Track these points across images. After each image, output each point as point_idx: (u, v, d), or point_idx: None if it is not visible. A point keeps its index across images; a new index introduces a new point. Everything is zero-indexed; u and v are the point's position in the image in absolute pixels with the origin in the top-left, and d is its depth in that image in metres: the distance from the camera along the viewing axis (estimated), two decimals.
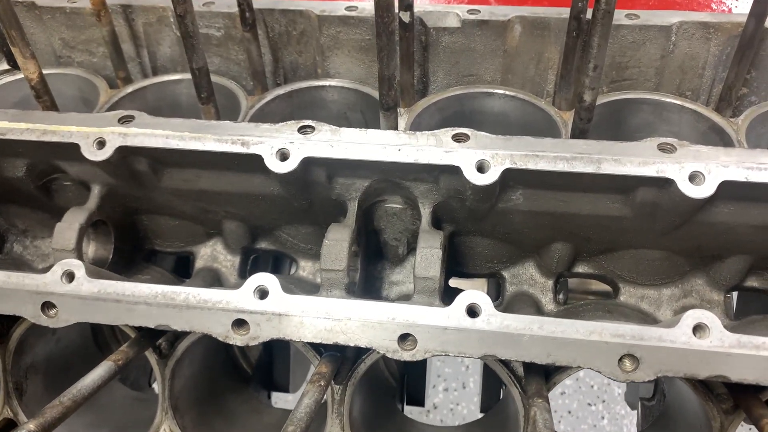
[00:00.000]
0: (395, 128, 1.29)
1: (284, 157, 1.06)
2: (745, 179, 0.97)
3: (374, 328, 0.98)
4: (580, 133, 1.19)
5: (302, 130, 1.10)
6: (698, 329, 0.92)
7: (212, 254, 1.44)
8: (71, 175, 1.23)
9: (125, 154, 1.12)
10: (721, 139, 1.33)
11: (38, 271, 1.09)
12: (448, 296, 1.05)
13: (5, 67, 1.68)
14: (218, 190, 1.22)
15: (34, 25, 1.65)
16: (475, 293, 0.98)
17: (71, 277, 1.04)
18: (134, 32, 1.61)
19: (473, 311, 0.97)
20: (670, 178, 0.98)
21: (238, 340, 1.01)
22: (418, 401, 1.71)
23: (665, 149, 1.02)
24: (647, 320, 1.29)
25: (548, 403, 1.05)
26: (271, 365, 1.98)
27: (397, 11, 1.13)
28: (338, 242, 1.11)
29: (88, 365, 1.09)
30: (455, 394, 4.19)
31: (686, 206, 1.01)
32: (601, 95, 1.41)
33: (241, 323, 1.01)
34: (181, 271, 1.60)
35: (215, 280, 1.43)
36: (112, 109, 1.53)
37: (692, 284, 1.31)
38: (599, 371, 0.94)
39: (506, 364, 1.20)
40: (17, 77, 1.64)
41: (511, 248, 1.31)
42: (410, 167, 1.07)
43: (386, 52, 1.09)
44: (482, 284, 1.73)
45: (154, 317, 1.02)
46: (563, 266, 1.30)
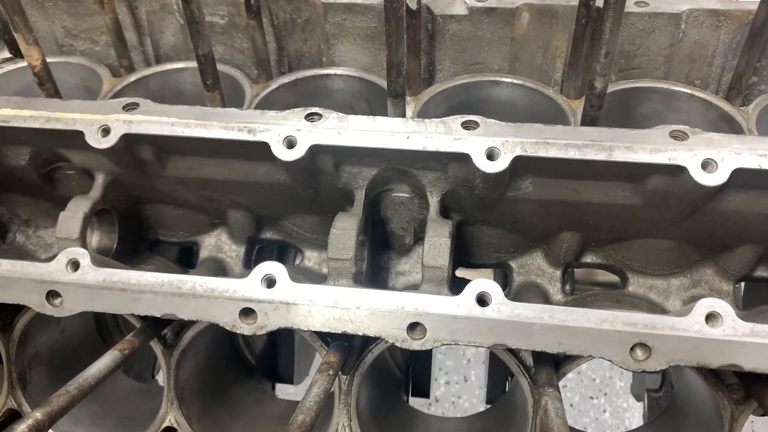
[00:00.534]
0: (403, 116, 1.28)
1: (291, 144, 1.05)
2: (758, 167, 0.96)
3: (383, 317, 0.97)
4: (590, 120, 1.18)
5: (309, 117, 1.08)
6: (711, 318, 0.91)
7: (217, 244, 1.43)
8: (75, 163, 1.22)
9: (130, 141, 1.11)
10: (731, 127, 1.32)
11: (41, 261, 1.07)
12: (455, 286, 1.04)
13: (6, 55, 1.67)
14: (223, 178, 1.20)
15: (36, 12, 1.63)
16: (485, 282, 0.96)
17: (76, 265, 1.03)
18: (137, 20, 1.59)
19: (483, 300, 0.96)
20: (682, 165, 0.97)
21: (245, 329, 1.00)
22: (423, 392, 1.71)
23: (677, 136, 1.00)
24: (656, 310, 1.28)
25: (559, 392, 1.04)
26: (275, 357, 1.98)
27: None
28: (346, 231, 1.09)
29: (92, 356, 1.08)
30: (457, 387, 4.19)
31: (698, 194, 1.00)
32: (609, 84, 1.39)
33: (248, 312, 0.99)
34: (184, 261, 1.59)
35: (220, 270, 1.42)
36: (115, 98, 1.51)
37: (701, 274, 1.30)
38: (611, 360, 0.93)
39: (515, 354, 1.19)
40: (19, 65, 1.62)
41: (519, 238, 1.30)
42: (419, 155, 1.05)
43: (395, 38, 1.07)
44: (489, 274, 1.72)
45: (160, 306, 1.01)
46: (571, 256, 1.29)
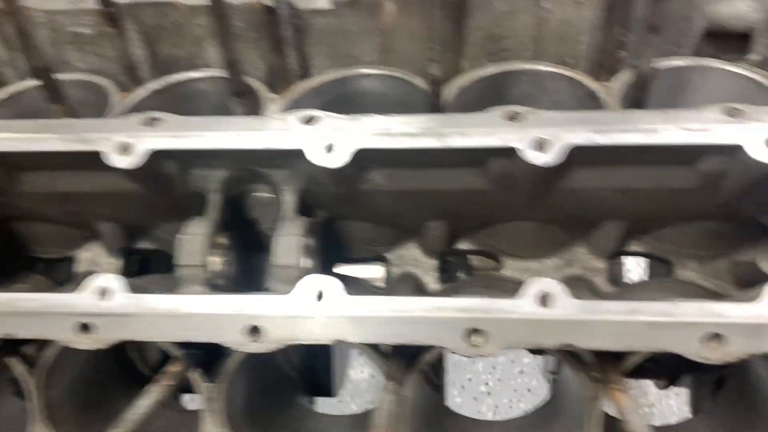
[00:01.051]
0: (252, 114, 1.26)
1: (126, 151, 1.03)
2: (593, 143, 0.96)
3: (220, 320, 0.95)
4: (433, 108, 1.17)
5: (148, 121, 1.06)
6: (543, 299, 0.90)
7: (92, 258, 1.40)
8: None
9: None
10: (596, 104, 1.31)
11: None
12: None
13: None
14: (79, 190, 1.17)
15: None
16: (321, 277, 0.95)
17: None
18: (4, 35, 1.55)
19: (321, 295, 0.94)
20: (514, 146, 0.96)
21: (83, 344, 0.98)
22: (325, 392, 1.68)
23: (513, 117, 1.00)
24: None
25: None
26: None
27: None
28: (194, 236, 1.07)
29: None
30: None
31: (535, 175, 1.00)
32: (478, 68, 1.38)
33: (85, 327, 0.97)
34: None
35: None
36: None
37: (575, 253, 1.30)
38: (448, 348, 0.92)
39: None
40: None
41: (389, 230, 1.29)
42: (258, 153, 1.04)
43: (224, 36, 1.05)
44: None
45: None
46: (444, 245, 1.28)
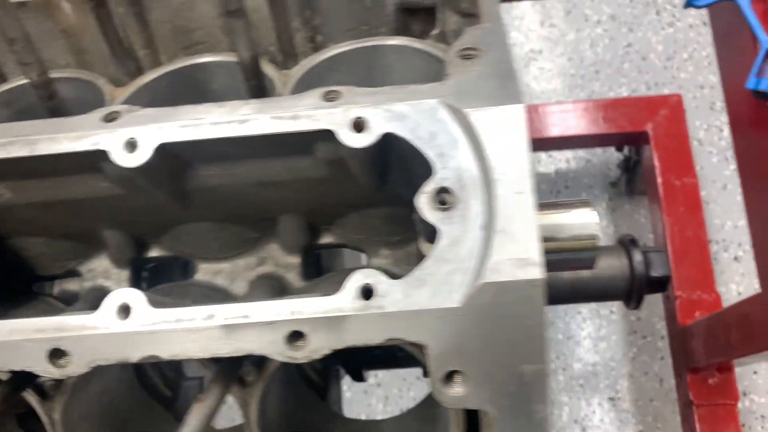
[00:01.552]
0: None
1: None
2: (183, 139, 0.91)
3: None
4: None
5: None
6: (122, 310, 0.85)
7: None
8: None
9: None
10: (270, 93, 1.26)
11: None
12: None
13: None
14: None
15: None
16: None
17: None
18: None
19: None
20: (103, 149, 0.90)
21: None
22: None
23: (109, 118, 0.95)
24: (218, 297, 1.23)
25: None
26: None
27: None
28: None
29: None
30: None
31: (120, 175, 0.93)
32: (171, 62, 1.32)
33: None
34: None
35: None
36: None
37: (268, 250, 1.25)
38: (37, 372, 0.86)
39: None
40: None
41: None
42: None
43: None
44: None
45: None
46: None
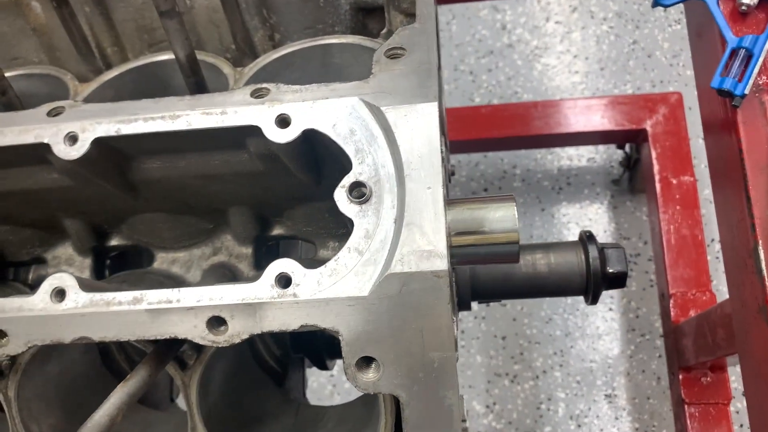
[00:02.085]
0: None
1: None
2: (116, 133, 0.95)
3: None
4: None
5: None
6: (57, 294, 0.90)
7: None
8: None
9: None
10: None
11: None
12: None
13: None
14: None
15: None
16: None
17: None
18: None
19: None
20: (46, 142, 0.95)
21: None
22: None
23: (55, 113, 0.99)
24: (172, 284, 1.26)
25: None
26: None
27: None
28: None
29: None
30: None
31: (65, 167, 0.98)
32: (135, 59, 1.37)
33: None
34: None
35: None
36: None
37: (222, 241, 1.30)
38: None
39: None
40: None
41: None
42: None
43: None
44: None
45: None
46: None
